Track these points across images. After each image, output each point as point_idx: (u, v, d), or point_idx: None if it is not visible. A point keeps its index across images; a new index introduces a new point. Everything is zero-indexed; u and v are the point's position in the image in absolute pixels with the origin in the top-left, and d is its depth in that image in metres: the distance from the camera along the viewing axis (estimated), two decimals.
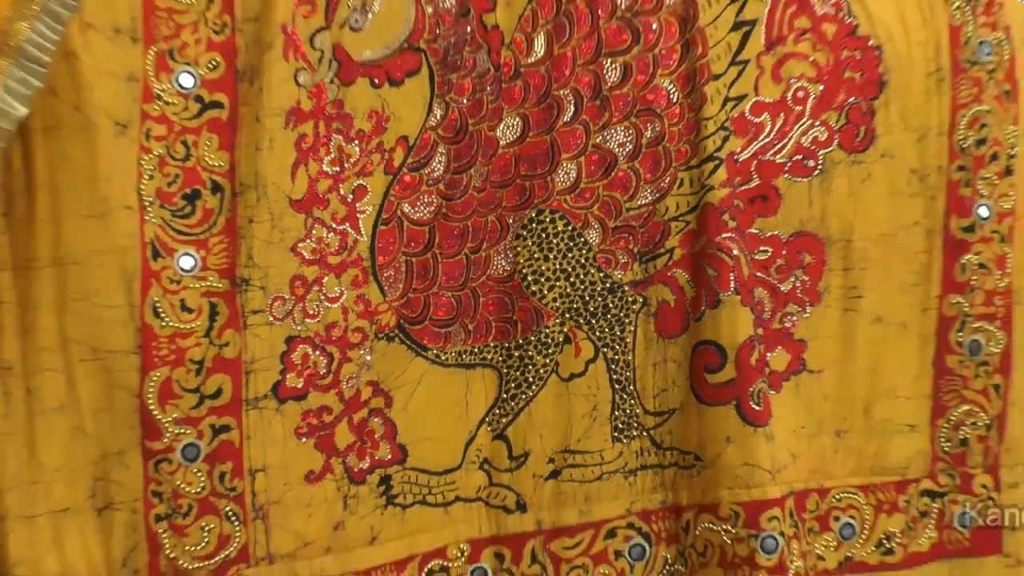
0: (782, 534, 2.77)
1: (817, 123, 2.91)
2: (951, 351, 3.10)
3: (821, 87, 2.91)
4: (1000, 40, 3.19)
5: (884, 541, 3.09)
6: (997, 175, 3.11)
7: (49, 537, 2.34)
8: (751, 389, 2.77)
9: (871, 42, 3.00)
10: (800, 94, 2.87)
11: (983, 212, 3.10)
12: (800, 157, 2.89)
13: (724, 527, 2.75)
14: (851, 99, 2.96)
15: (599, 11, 2.74)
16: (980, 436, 3.14)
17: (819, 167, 2.89)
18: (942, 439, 3.13)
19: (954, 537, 3.18)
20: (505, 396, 2.70)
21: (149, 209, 2.31)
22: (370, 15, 2.47)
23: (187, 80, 2.35)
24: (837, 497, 3.03)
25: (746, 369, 2.77)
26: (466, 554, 2.70)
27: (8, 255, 2.30)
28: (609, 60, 2.70)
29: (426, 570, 2.61)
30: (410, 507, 2.61)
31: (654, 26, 2.75)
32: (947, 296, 3.08)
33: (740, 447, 2.76)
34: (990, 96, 3.11)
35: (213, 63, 2.37)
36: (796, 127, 2.89)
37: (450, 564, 2.67)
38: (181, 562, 2.38)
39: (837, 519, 3.02)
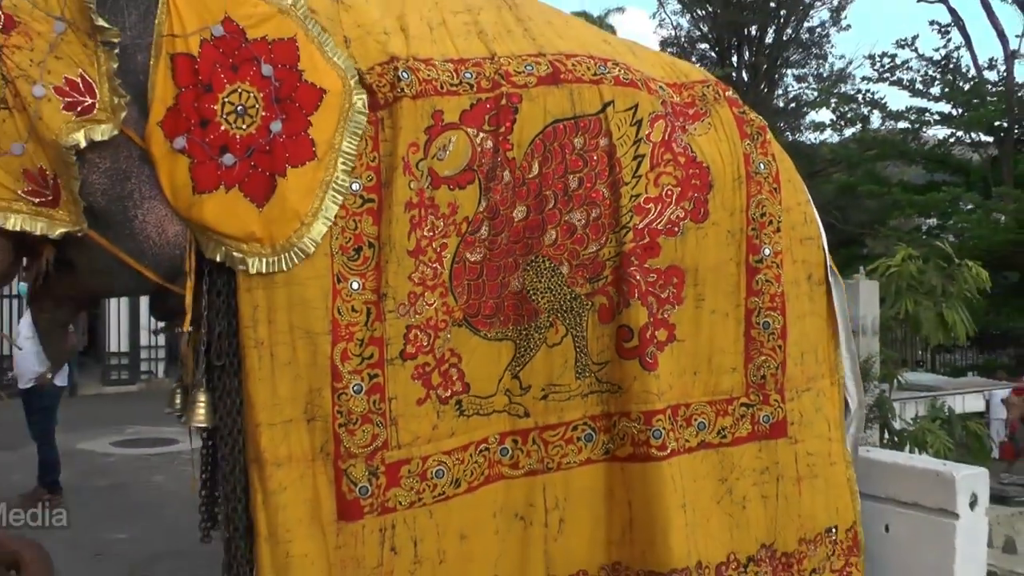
0: (663, 429, 4.28)
1: (678, 208, 4.47)
2: (753, 327, 4.68)
3: (679, 188, 4.47)
4: (769, 161, 4.86)
5: (721, 431, 4.62)
6: (773, 231, 4.76)
7: (282, 435, 3.69)
8: (647, 350, 4.29)
9: (704, 164, 4.60)
10: (668, 192, 4.44)
11: (766, 251, 4.72)
12: (670, 225, 4.44)
13: (634, 425, 4.27)
14: (695, 194, 4.52)
15: (566, 150, 4.21)
16: (772, 373, 4.71)
17: (680, 231, 4.46)
18: (751, 375, 4.69)
19: (760, 429, 4.70)
20: (518, 355, 4.17)
21: (335, 256, 3.75)
22: (448, 151, 3.96)
23: (356, 187, 3.81)
24: (696, 408, 4.56)
25: (644, 340, 4.29)
26: (497, 440, 4.15)
27: (260, 280, 3.68)
28: (572, 176, 4.22)
29: (478, 449, 4.06)
30: (471, 416, 4.05)
31: (595, 157, 4.27)
32: (749, 298, 4.68)
33: (641, 382, 4.28)
34: (766, 191, 4.80)
35: (369, 177, 3.83)
36: (668, 210, 4.44)
37: (488, 447, 4.11)
38: (352, 448, 3.76)
39: (695, 420, 4.54)
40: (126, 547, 6.88)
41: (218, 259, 3.71)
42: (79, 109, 3.50)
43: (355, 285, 3.82)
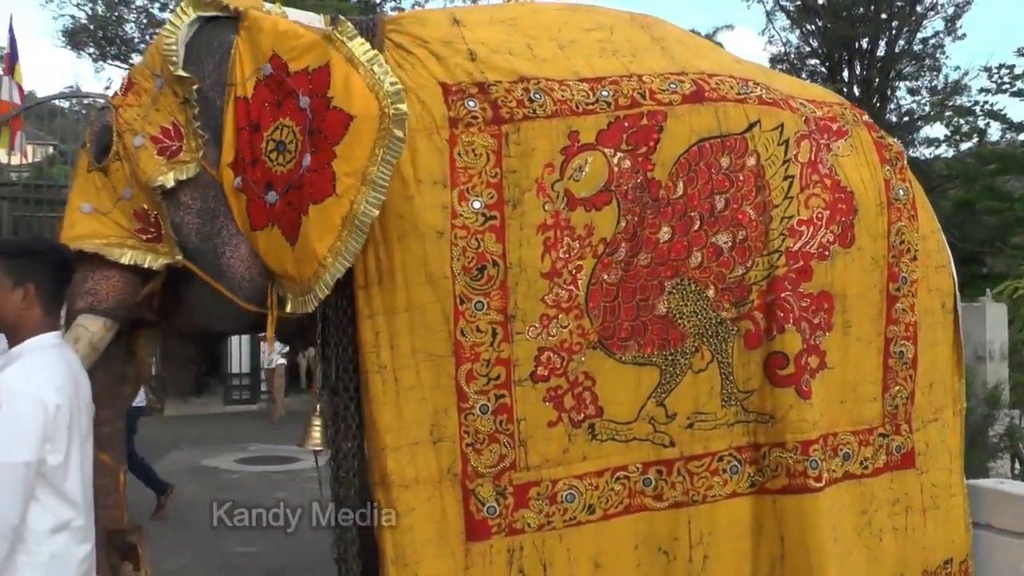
0: (819, 459, 4.09)
1: (828, 231, 4.29)
2: (890, 356, 4.48)
3: (828, 211, 4.29)
4: (907, 188, 4.66)
5: (863, 461, 4.40)
6: (910, 259, 4.57)
7: (408, 457, 3.62)
8: (803, 378, 4.10)
9: (848, 188, 4.41)
10: (819, 215, 4.27)
11: (905, 279, 4.53)
12: (821, 249, 4.26)
13: (790, 455, 4.06)
14: (842, 218, 4.33)
15: (712, 170, 4.06)
16: (903, 403, 4.52)
17: (830, 255, 4.28)
18: (887, 405, 4.49)
19: (893, 459, 4.49)
20: (663, 382, 3.99)
21: (457, 277, 3.65)
22: (584, 172, 3.83)
23: (476, 205, 3.70)
24: (842, 438, 4.36)
25: (800, 367, 4.10)
26: (639, 469, 3.98)
27: (382, 305, 3.64)
28: (718, 196, 4.06)
29: (615, 476, 3.90)
30: (605, 441, 3.89)
31: (742, 178, 4.10)
32: (888, 326, 4.49)
33: (798, 411, 4.08)
34: (905, 217, 4.59)
35: (490, 195, 3.72)
36: (819, 233, 4.26)
37: (628, 475, 3.95)
38: (479, 468, 3.68)
39: (840, 450, 4.33)
40: (254, 560, 6.96)
41: (279, 294, 3.75)
42: (168, 153, 3.76)
43: (479, 305, 3.75)
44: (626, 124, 3.97)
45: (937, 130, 36.85)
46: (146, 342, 4.33)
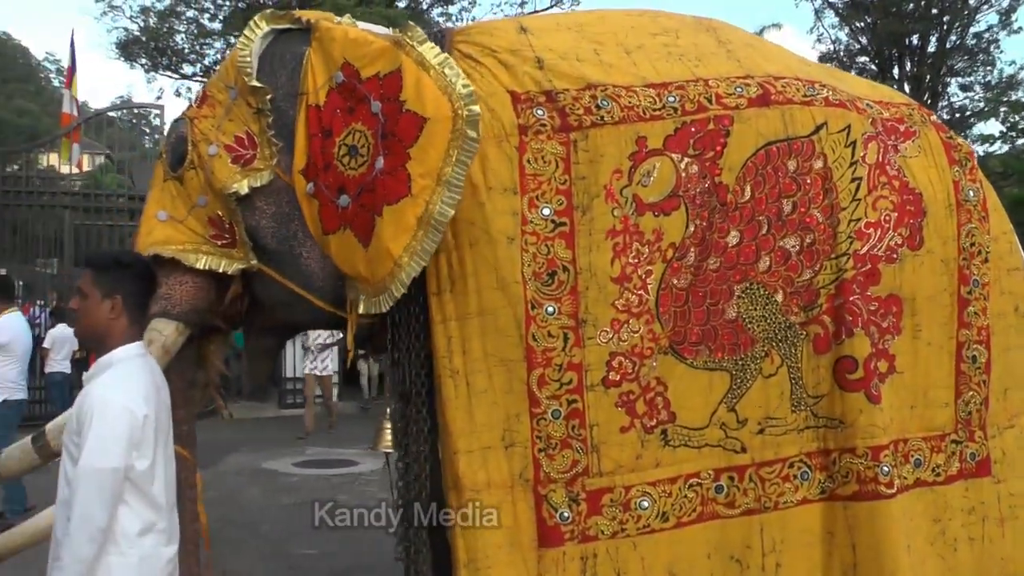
0: (889, 465, 4.02)
1: (896, 234, 4.23)
2: (963, 361, 4.40)
3: (896, 213, 4.22)
4: (977, 189, 4.58)
5: (935, 468, 4.31)
6: (981, 262, 4.49)
7: (480, 462, 3.64)
8: (872, 382, 4.04)
9: (916, 190, 4.34)
10: (887, 217, 4.20)
11: (976, 282, 4.45)
12: (889, 252, 4.19)
13: (860, 461, 4.00)
14: (910, 220, 4.27)
15: (779, 174, 4.02)
16: (976, 409, 4.42)
17: (898, 258, 4.21)
18: (960, 411, 4.40)
19: (967, 467, 4.39)
20: (734, 387, 3.96)
21: (528, 282, 3.67)
22: (652, 178, 3.83)
23: (546, 211, 3.72)
24: (912, 444, 4.27)
25: (869, 371, 4.05)
26: (711, 476, 3.94)
27: (454, 311, 3.67)
28: (785, 200, 4.02)
29: (687, 483, 3.87)
30: (678, 448, 3.86)
31: (809, 181, 4.06)
32: (960, 330, 4.41)
33: (868, 416, 4.02)
34: (976, 219, 4.53)
35: (560, 201, 3.73)
36: (887, 236, 4.20)
37: (700, 482, 3.92)
38: (551, 474, 3.68)
39: (911, 456, 4.25)
40: (317, 562, 7.00)
41: (351, 297, 3.80)
42: (242, 161, 3.87)
43: (550, 310, 3.75)
44: (693, 129, 3.97)
45: (991, 127, 36.15)
46: (216, 348, 4.40)
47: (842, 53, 28.48)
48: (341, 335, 4.50)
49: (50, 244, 16.27)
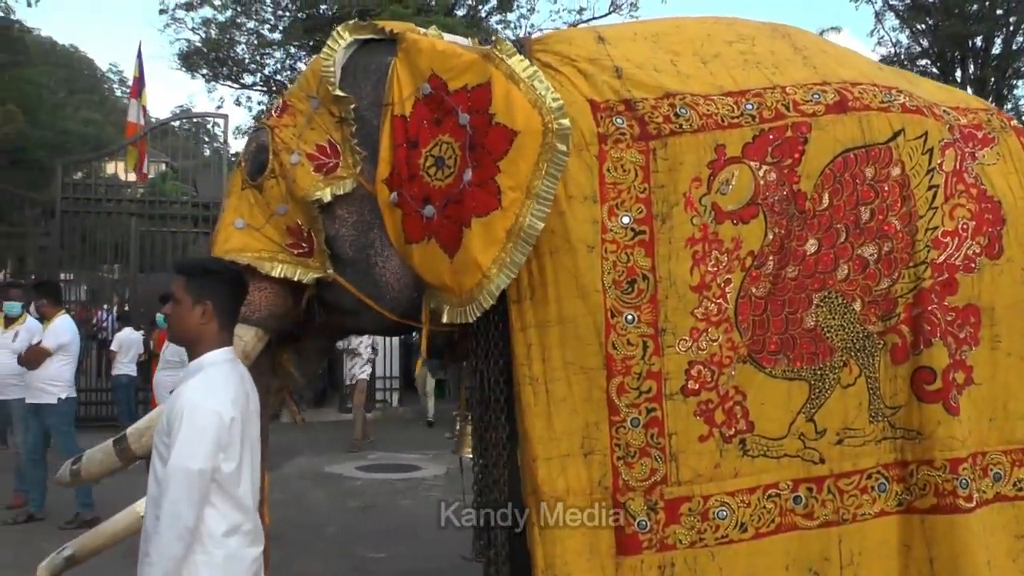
0: (968, 478, 3.95)
1: (974, 243, 4.18)
2: None
3: (974, 221, 4.18)
4: None
5: (1017, 483, 4.22)
6: None
7: (559, 469, 3.66)
8: (951, 394, 3.98)
9: (995, 197, 4.29)
10: (964, 226, 4.16)
11: None
12: (967, 261, 4.15)
13: (938, 474, 3.94)
14: (989, 228, 4.21)
15: (857, 181, 3.99)
16: None
17: (976, 267, 4.16)
18: None
19: None
20: (812, 397, 3.93)
21: (608, 290, 3.69)
22: (731, 186, 3.84)
23: (626, 219, 3.74)
24: (992, 457, 4.19)
25: (947, 383, 3.99)
26: (790, 487, 3.91)
27: (534, 319, 3.70)
28: (863, 207, 3.99)
29: (766, 494, 3.85)
30: (756, 457, 3.85)
31: (887, 188, 4.02)
32: None
33: (946, 427, 3.96)
34: None
35: (639, 210, 3.75)
36: (964, 244, 4.16)
37: (780, 492, 3.89)
38: (630, 482, 3.70)
39: (991, 469, 4.18)
40: (384, 566, 7.05)
41: (432, 306, 3.84)
42: (325, 170, 3.91)
43: (630, 318, 3.77)
44: (771, 136, 3.97)
45: None
46: (289, 356, 4.46)
47: (903, 56, 28.00)
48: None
49: (114, 250, 16.55)
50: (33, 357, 8.03)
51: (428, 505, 8.77)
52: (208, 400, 2.92)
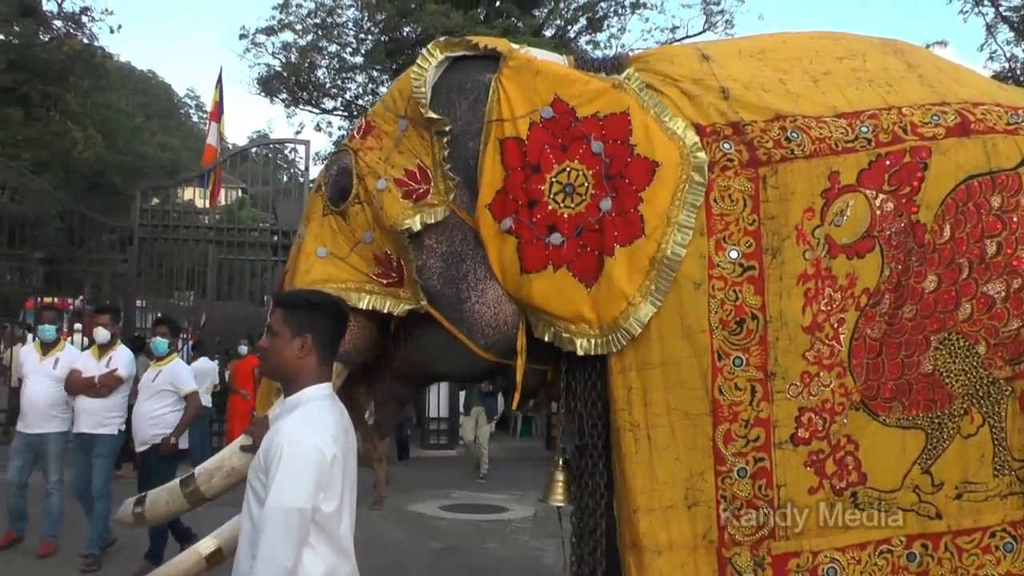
0: None
1: None
2: None
3: None
4: None
5: None
6: None
7: (661, 521, 3.59)
8: None
9: None
10: None
11: None
12: None
13: None
14: None
15: (982, 211, 3.80)
16: None
17: None
18: None
19: None
20: (929, 447, 3.77)
21: (715, 331, 3.60)
22: (845, 217, 3.71)
23: (734, 254, 3.65)
24: None
25: None
26: (903, 543, 3.77)
27: (634, 360, 3.63)
28: (988, 240, 3.80)
29: (878, 550, 3.71)
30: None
31: (1015, 219, 3.81)
32: None
33: None
34: None
35: (748, 243, 3.66)
36: None
37: (892, 548, 3.75)
38: (736, 536, 3.61)
39: None
40: None
41: (547, 339, 3.78)
42: (415, 196, 3.85)
43: (738, 361, 3.69)
44: (888, 162, 3.82)
45: None
46: (367, 390, 4.44)
47: (1019, 71, 27.26)
48: None
49: (189, 278, 16.90)
50: (107, 384, 7.87)
51: (516, 548, 8.74)
52: (309, 436, 2.89)
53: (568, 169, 3.73)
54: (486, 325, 3.88)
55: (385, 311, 3.93)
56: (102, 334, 8.11)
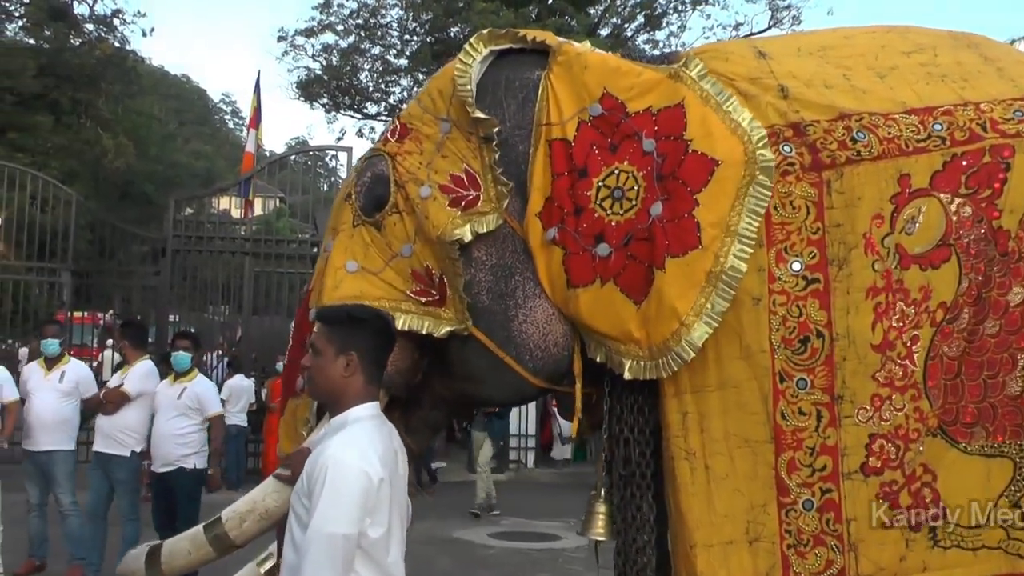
0: None
1: None
2: None
3: None
4: None
5: None
6: None
7: (721, 558, 3.49)
8: None
9: None
10: None
11: None
12: None
13: None
14: None
15: None
16: None
17: None
18: None
19: None
20: (1018, 478, 3.65)
21: (777, 350, 3.50)
22: (917, 224, 3.59)
23: (796, 266, 3.54)
24: None
25: None
26: None
27: (689, 383, 3.53)
28: None
29: None
30: (949, 549, 3.60)
31: None
32: None
33: None
34: None
35: (812, 254, 3.54)
36: None
37: None
38: (803, 575, 3.49)
39: None
40: None
41: (599, 359, 3.68)
42: (463, 204, 3.72)
43: (802, 383, 3.58)
44: (964, 163, 3.70)
45: None
46: (401, 416, 4.28)
47: None
48: None
49: (223, 291, 17.05)
50: (112, 399, 7.86)
51: None
52: (355, 459, 2.85)
53: (617, 171, 3.61)
54: (535, 347, 3.78)
55: (424, 332, 3.79)
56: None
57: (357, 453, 2.87)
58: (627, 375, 3.56)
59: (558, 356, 3.78)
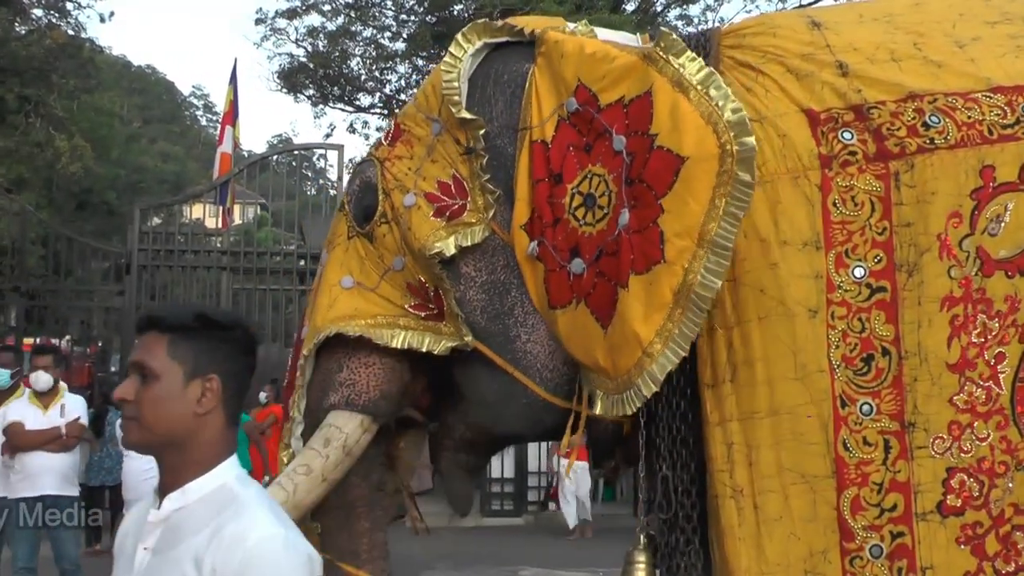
0: None
1: None
2: None
3: None
4: None
5: None
6: None
7: None
8: None
9: None
10: None
11: None
12: None
13: None
14: None
15: None
16: None
17: None
18: None
19: None
20: None
21: (837, 370, 3.46)
22: (1003, 224, 3.54)
23: (859, 272, 3.49)
24: None
25: None
26: None
27: (736, 409, 3.50)
28: None
29: None
30: None
31: None
32: None
33: None
34: None
35: (877, 258, 3.50)
36: None
37: None
38: None
39: None
40: None
41: (586, 390, 3.68)
42: (448, 213, 3.77)
43: (866, 409, 3.53)
44: None
45: None
46: (408, 445, 4.36)
47: None
48: None
49: None
50: (73, 433, 8.15)
51: None
52: (293, 541, 2.24)
53: (590, 176, 3.57)
54: (543, 367, 3.79)
55: (424, 350, 3.83)
56: (44, 379, 8.30)
57: (289, 532, 2.26)
58: (598, 410, 3.55)
59: (570, 375, 3.77)
